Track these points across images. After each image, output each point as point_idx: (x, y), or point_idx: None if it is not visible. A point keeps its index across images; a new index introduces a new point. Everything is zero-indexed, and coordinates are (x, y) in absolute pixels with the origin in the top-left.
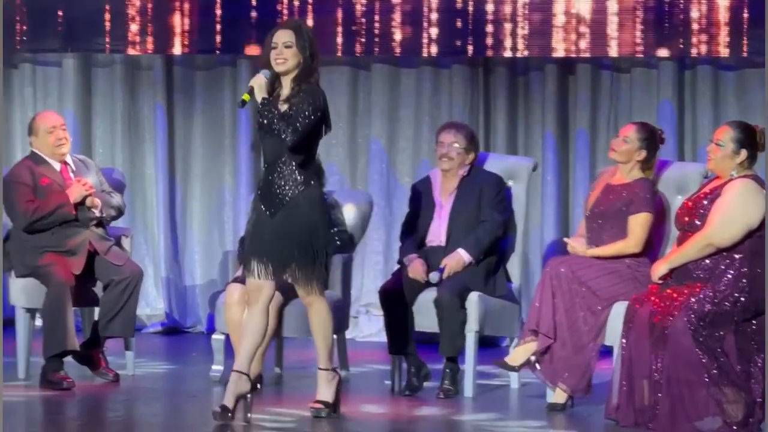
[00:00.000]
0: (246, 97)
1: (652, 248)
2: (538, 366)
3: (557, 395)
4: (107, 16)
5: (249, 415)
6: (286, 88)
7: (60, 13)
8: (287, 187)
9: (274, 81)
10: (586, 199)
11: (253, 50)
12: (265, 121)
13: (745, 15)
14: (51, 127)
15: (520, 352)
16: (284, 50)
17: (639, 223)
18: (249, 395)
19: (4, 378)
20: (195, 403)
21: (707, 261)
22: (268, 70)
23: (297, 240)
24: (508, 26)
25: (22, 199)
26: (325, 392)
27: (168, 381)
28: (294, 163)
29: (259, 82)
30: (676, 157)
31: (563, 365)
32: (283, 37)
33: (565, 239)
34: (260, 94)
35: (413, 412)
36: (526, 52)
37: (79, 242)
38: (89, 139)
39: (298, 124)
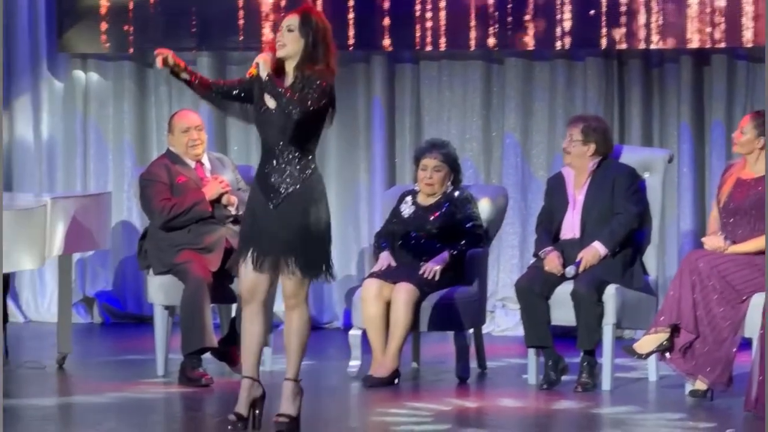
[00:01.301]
0: (253, 70)
1: None
2: (668, 355)
3: (698, 383)
4: (241, 14)
5: (259, 418)
6: (289, 75)
7: (194, 11)
8: (286, 178)
9: (281, 67)
10: (717, 193)
11: (387, 45)
12: (270, 98)
13: None
14: (186, 128)
15: (649, 341)
16: (286, 34)
17: None
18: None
19: (143, 375)
20: (333, 399)
21: None
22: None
23: (296, 235)
24: (642, 18)
25: (159, 197)
26: (290, 406)
27: (305, 377)
28: (293, 150)
29: (265, 58)
30: None
31: (704, 360)
32: (287, 21)
33: (703, 239)
34: (265, 71)
35: (551, 406)
36: (660, 44)
37: (216, 239)
38: (224, 136)
39: (307, 99)
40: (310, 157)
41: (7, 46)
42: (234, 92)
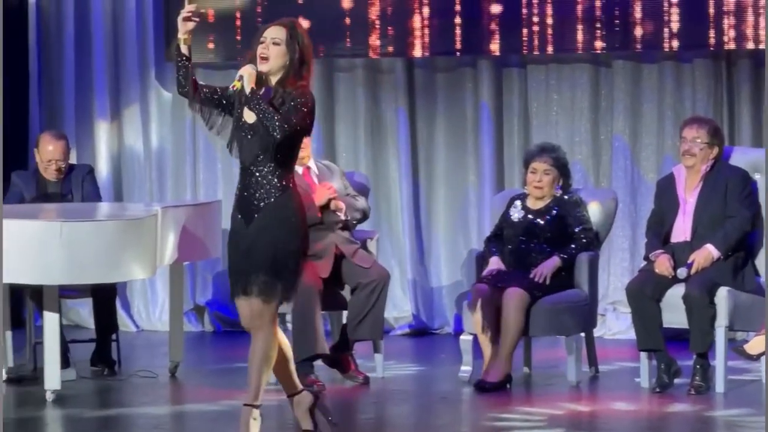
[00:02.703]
0: (237, 84)
1: None
2: None
3: None
4: (348, 21)
5: (328, 417)
6: (279, 82)
7: (302, 20)
8: (262, 192)
9: (261, 80)
10: None
11: (494, 49)
12: (253, 113)
13: None
14: None
15: (760, 342)
16: (271, 47)
17: None
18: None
19: None
20: (445, 405)
21: None
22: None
23: (264, 253)
24: (750, 17)
25: None
26: None
27: (417, 383)
28: (271, 165)
29: (249, 71)
30: None
31: None
32: (273, 32)
33: None
34: (249, 85)
35: (664, 409)
36: None
37: (326, 246)
38: (332, 143)
39: (290, 117)
40: (287, 170)
41: (115, 57)
42: (214, 97)
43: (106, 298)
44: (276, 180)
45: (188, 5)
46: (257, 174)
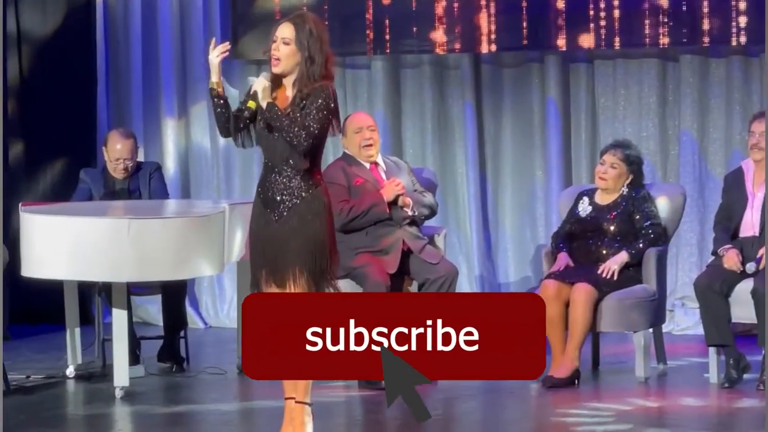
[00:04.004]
0: (251, 104)
1: None
2: None
3: None
4: (414, 17)
5: None
6: (288, 90)
7: (368, 16)
8: (291, 191)
9: (276, 82)
10: None
11: (561, 44)
12: (275, 125)
13: None
14: (358, 128)
15: None
16: (281, 47)
17: None
18: None
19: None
20: (513, 399)
21: None
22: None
23: (302, 246)
24: None
25: (337, 199)
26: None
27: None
28: (299, 167)
29: (263, 86)
30: None
31: None
32: (282, 31)
33: None
34: (265, 99)
35: (733, 405)
36: None
37: (393, 241)
38: (400, 139)
39: (310, 125)
40: (315, 169)
41: (182, 54)
42: (244, 120)
43: (175, 295)
44: (302, 181)
45: (225, 44)
46: (283, 174)
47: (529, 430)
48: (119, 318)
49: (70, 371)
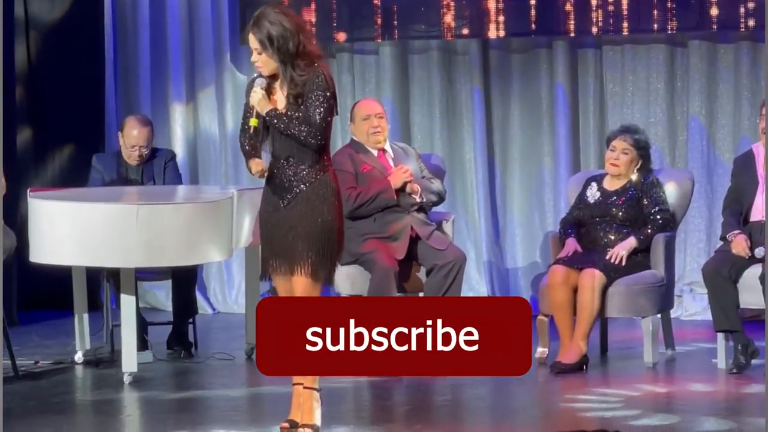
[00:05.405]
0: (254, 122)
1: None
2: None
3: None
4: (423, 3)
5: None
6: (285, 87)
7: (376, 2)
8: (299, 177)
9: (271, 82)
10: None
11: (569, 30)
12: (282, 129)
13: None
14: (366, 115)
15: None
16: (256, 56)
17: None
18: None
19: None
20: (521, 386)
21: None
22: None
23: (309, 233)
24: None
25: (344, 185)
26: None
27: None
28: (308, 155)
29: (258, 98)
30: None
31: None
32: (251, 41)
33: None
34: (264, 108)
35: (741, 390)
36: None
37: (401, 227)
38: (408, 125)
39: (314, 119)
40: (324, 155)
41: (190, 40)
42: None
43: (186, 282)
44: (311, 167)
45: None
46: (292, 164)
47: (537, 416)
48: (127, 303)
49: (79, 357)
